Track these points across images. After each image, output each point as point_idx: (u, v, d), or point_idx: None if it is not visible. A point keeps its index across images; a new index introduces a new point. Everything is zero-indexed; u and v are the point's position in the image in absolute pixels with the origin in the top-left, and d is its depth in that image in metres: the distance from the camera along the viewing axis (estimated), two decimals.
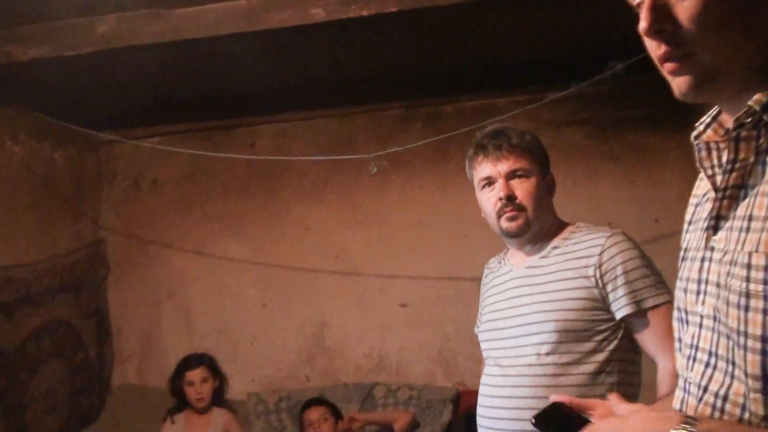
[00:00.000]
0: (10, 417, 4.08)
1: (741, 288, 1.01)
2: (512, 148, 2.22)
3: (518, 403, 2.08)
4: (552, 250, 2.21)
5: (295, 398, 4.39)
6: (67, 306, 4.66)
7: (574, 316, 2.08)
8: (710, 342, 1.11)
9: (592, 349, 2.07)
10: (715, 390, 1.08)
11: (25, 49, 3.44)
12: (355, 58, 3.76)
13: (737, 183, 1.08)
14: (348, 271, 4.66)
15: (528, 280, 2.21)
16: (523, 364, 2.12)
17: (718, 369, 1.08)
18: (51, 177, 4.65)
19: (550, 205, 2.28)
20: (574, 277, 2.11)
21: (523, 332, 2.15)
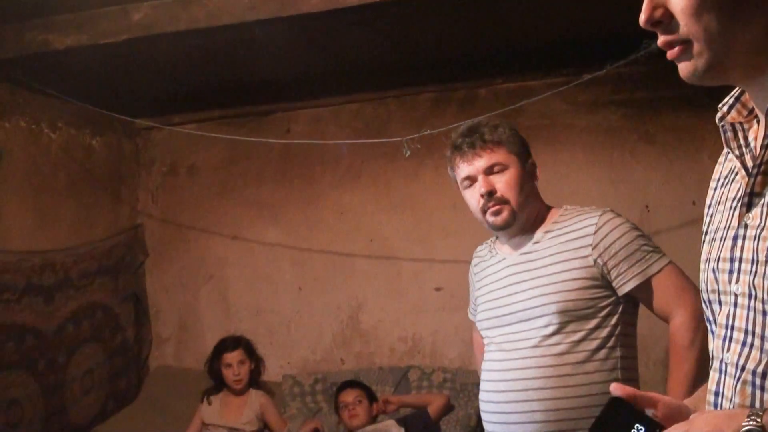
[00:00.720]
0: (49, 397, 4.17)
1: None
2: (485, 143, 2.26)
3: (525, 384, 2.13)
4: (544, 234, 2.26)
5: (330, 380, 4.44)
6: (106, 290, 4.74)
7: (576, 296, 2.13)
8: (746, 320, 1.10)
9: (595, 325, 2.13)
10: (752, 368, 1.08)
11: (62, 38, 3.51)
12: (388, 41, 3.77)
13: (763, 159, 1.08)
14: (382, 254, 4.68)
15: (524, 266, 2.25)
16: (527, 347, 2.17)
17: (755, 347, 1.08)
18: (89, 164, 4.73)
19: (534, 192, 2.32)
20: (570, 258, 2.17)
21: (525, 317, 2.20)
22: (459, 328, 4.50)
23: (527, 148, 2.35)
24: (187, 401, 4.49)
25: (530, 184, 2.30)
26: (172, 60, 3.85)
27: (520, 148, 2.30)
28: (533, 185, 2.32)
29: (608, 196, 4.09)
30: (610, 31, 3.52)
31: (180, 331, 5.09)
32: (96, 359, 4.60)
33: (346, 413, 4.00)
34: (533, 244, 2.26)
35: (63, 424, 4.27)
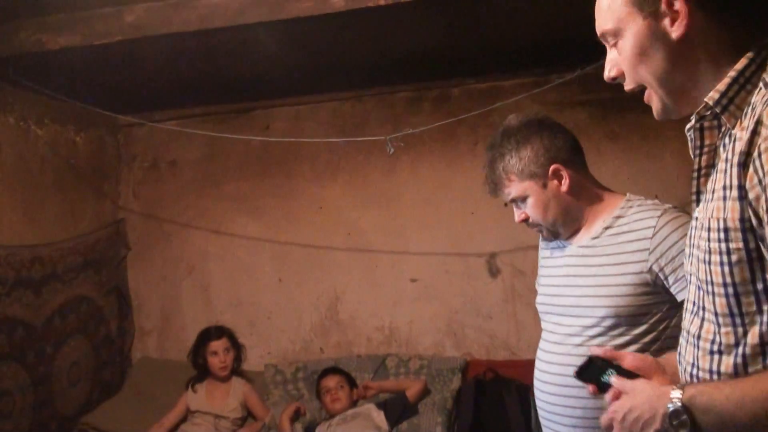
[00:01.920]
0: (38, 388, 4.27)
1: (705, 246, 1.27)
2: (495, 185, 2.28)
3: (566, 380, 2.07)
4: (604, 230, 2.17)
5: (311, 368, 4.60)
6: (90, 283, 4.85)
7: (627, 302, 2.05)
8: (694, 295, 1.37)
9: (643, 331, 2.05)
10: (693, 331, 1.35)
11: (56, 38, 3.60)
12: (368, 43, 3.90)
13: (708, 163, 1.34)
14: (360, 247, 4.84)
15: (582, 260, 2.20)
16: (573, 343, 2.15)
17: (697, 315, 1.35)
18: (74, 160, 4.83)
19: (567, 200, 2.21)
20: (626, 262, 2.08)
21: (575, 312, 2.16)
22: (434, 317, 4.69)
23: (541, 163, 2.21)
24: (170, 391, 4.64)
25: (560, 199, 2.20)
26: (160, 60, 3.95)
27: (532, 169, 2.20)
28: (566, 197, 2.20)
29: None
30: (577, 35, 3.71)
31: (162, 324, 5.21)
32: (82, 351, 4.71)
33: (328, 398, 4.17)
34: (592, 239, 2.19)
35: (51, 413, 4.37)
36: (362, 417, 4.03)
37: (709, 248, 1.26)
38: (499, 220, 4.45)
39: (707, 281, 1.28)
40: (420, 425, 4.10)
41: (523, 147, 2.22)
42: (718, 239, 1.23)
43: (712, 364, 1.29)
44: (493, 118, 4.40)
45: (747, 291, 1.22)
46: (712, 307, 1.28)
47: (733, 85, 1.27)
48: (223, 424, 4.31)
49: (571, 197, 2.21)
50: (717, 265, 1.24)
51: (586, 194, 2.24)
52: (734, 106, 1.26)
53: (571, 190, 2.20)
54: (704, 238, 1.27)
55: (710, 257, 1.26)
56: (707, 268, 1.27)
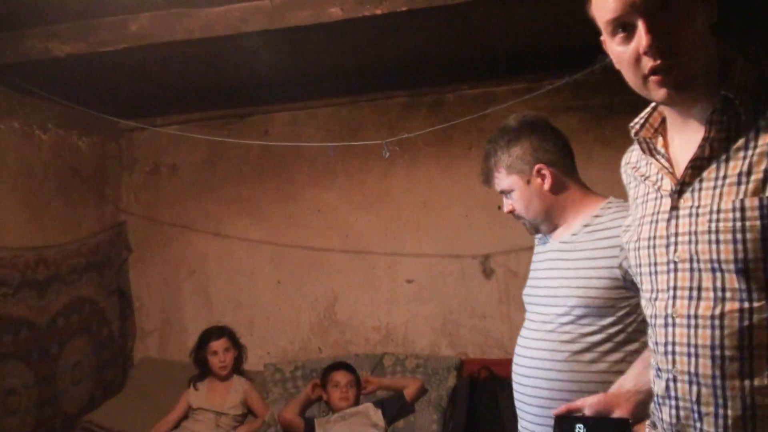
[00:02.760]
0: (43, 386, 4.37)
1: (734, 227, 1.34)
2: (486, 177, 2.48)
3: (536, 363, 2.29)
4: (582, 228, 2.31)
5: (310, 367, 4.69)
6: (93, 284, 4.94)
7: (596, 294, 2.19)
8: (689, 280, 1.43)
9: (610, 323, 2.19)
10: (706, 314, 1.40)
11: (62, 46, 3.69)
12: (365, 51, 4.01)
13: (704, 155, 1.42)
14: (357, 249, 4.94)
15: (560, 255, 2.35)
16: (545, 330, 2.31)
17: (704, 299, 1.40)
18: (77, 164, 4.93)
19: (549, 198, 2.37)
20: (599, 257, 2.22)
21: (550, 303, 2.32)
22: (429, 317, 4.78)
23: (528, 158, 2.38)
24: (171, 391, 4.73)
25: (542, 197, 2.36)
26: (163, 67, 4.07)
27: (517, 164, 2.38)
28: (548, 195, 2.36)
29: None
30: (569, 42, 3.82)
31: (163, 325, 5.31)
32: (84, 351, 4.81)
33: (337, 393, 4.24)
34: (572, 235, 2.33)
35: (55, 411, 4.47)
36: (360, 415, 4.12)
37: (744, 227, 1.33)
38: (493, 223, 4.56)
39: (741, 259, 1.34)
40: (416, 423, 4.19)
41: (513, 145, 2.40)
42: (761, 216, 1.31)
43: (742, 340, 1.35)
44: (486, 123, 4.52)
45: (758, 268, 1.33)
46: (744, 284, 1.34)
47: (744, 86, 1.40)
48: (223, 420, 4.41)
49: (553, 196, 2.37)
50: (757, 242, 1.32)
51: (569, 195, 2.39)
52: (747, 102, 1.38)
53: (553, 189, 2.36)
54: (729, 219, 1.34)
55: (747, 236, 1.33)
56: (742, 247, 1.33)
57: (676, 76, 1.39)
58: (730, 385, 1.37)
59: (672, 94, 1.41)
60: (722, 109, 1.39)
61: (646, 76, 1.41)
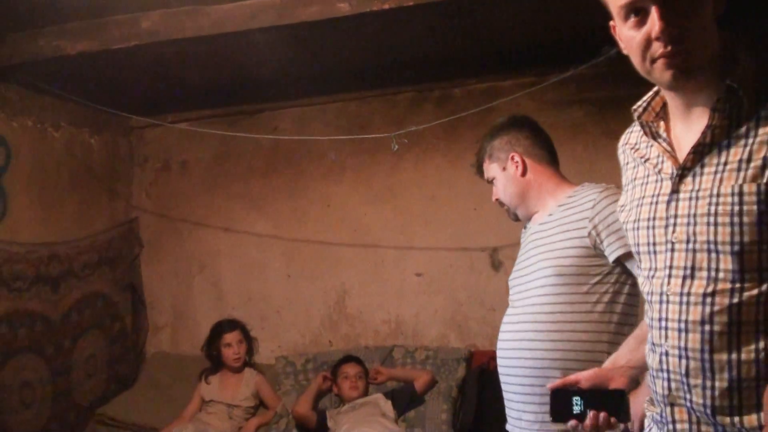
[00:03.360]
0: (57, 379, 4.46)
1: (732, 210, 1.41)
2: (477, 167, 2.75)
3: (522, 335, 2.43)
4: (557, 208, 2.50)
5: (321, 360, 4.74)
6: (105, 280, 5.02)
7: (570, 262, 2.36)
8: (685, 260, 1.49)
9: (587, 291, 2.34)
10: (699, 292, 1.46)
11: (74, 44, 3.76)
12: (372, 46, 4.05)
13: (708, 141, 1.48)
14: (366, 243, 4.98)
15: (538, 235, 2.52)
16: (528, 304, 2.45)
17: (698, 278, 1.47)
18: (89, 161, 5.00)
19: (525, 184, 2.60)
20: (570, 229, 2.40)
21: (531, 278, 2.47)
22: (439, 310, 4.82)
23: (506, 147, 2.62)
24: (184, 384, 4.80)
25: (516, 182, 2.60)
26: (173, 64, 4.12)
27: (497, 154, 2.64)
28: (521, 180, 2.59)
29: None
30: (573, 35, 3.86)
31: (175, 319, 5.37)
32: (98, 345, 4.89)
33: (347, 384, 4.31)
34: (548, 215, 2.52)
35: (69, 404, 4.57)
36: (371, 405, 4.17)
37: (743, 211, 1.39)
38: (501, 216, 4.51)
39: (737, 242, 1.40)
40: (426, 413, 4.23)
41: (496, 137, 2.67)
42: (757, 202, 1.38)
43: (731, 316, 1.42)
44: (493, 117, 4.53)
45: (752, 250, 1.39)
46: (734, 265, 1.41)
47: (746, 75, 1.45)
48: (236, 412, 4.46)
49: (526, 182, 2.60)
50: (754, 226, 1.39)
51: (543, 181, 2.60)
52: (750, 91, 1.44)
53: (525, 175, 2.60)
54: (728, 203, 1.41)
55: (743, 219, 1.39)
56: (739, 230, 1.40)
57: (683, 62, 1.44)
58: (717, 358, 1.43)
59: (678, 77, 1.46)
60: (726, 98, 1.45)
61: (655, 60, 1.46)
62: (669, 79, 1.47)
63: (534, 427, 2.37)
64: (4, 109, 4.24)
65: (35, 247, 4.39)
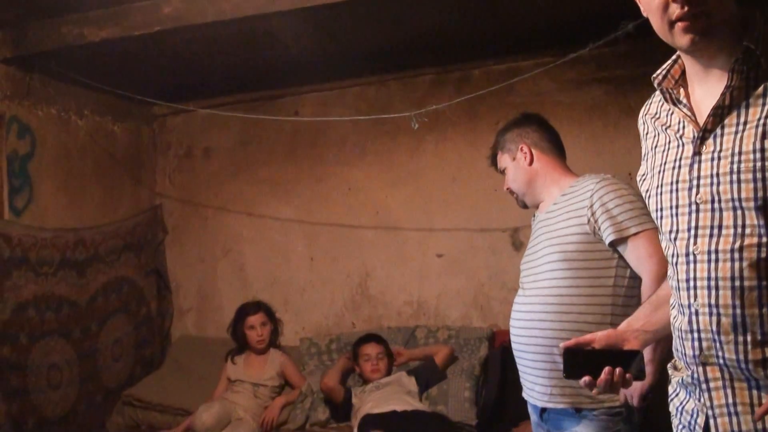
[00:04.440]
0: (84, 362, 4.54)
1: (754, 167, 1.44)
2: (492, 160, 2.99)
3: (533, 316, 2.59)
4: (561, 197, 2.67)
5: (344, 340, 4.79)
6: (130, 265, 5.09)
7: (573, 247, 2.54)
8: (710, 219, 1.52)
9: (593, 275, 2.51)
10: (726, 248, 1.49)
11: (97, 31, 3.83)
12: (392, 28, 4.08)
13: (725, 103, 1.50)
14: (388, 225, 5.01)
15: (545, 223, 2.70)
16: (537, 287, 2.62)
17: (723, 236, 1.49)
18: (112, 149, 5.08)
19: (533, 172, 2.79)
20: (572, 216, 2.57)
21: (539, 263, 2.64)
22: (460, 290, 4.85)
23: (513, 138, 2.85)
24: (209, 366, 4.87)
25: (524, 170, 2.80)
26: (196, 49, 4.17)
27: (506, 145, 2.87)
28: (529, 169, 2.79)
29: (594, 166, 4.37)
30: (592, 14, 3.86)
31: (200, 303, 5.45)
32: (124, 329, 4.97)
33: (368, 366, 4.33)
34: (553, 204, 2.69)
35: (97, 386, 4.65)
36: (394, 384, 4.20)
37: (764, 167, 1.42)
38: None
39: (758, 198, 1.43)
40: (449, 390, 4.26)
41: (508, 131, 2.90)
42: (753, 159, 1.42)
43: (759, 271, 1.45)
44: (512, 96, 4.58)
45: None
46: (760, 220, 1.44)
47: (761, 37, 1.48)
48: (261, 391, 4.52)
49: (534, 170, 2.79)
50: (749, 183, 1.43)
51: (549, 171, 2.79)
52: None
53: (532, 164, 2.79)
54: (749, 160, 1.44)
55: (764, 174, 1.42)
56: (760, 186, 1.43)
57: (702, 24, 1.47)
58: (749, 313, 1.46)
59: (696, 40, 1.49)
60: (744, 59, 1.47)
61: (673, 22, 1.49)
62: (688, 43, 1.50)
63: (544, 396, 2.57)
64: (29, 97, 4.31)
65: (61, 232, 4.46)
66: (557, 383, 2.52)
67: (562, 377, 2.47)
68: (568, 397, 2.51)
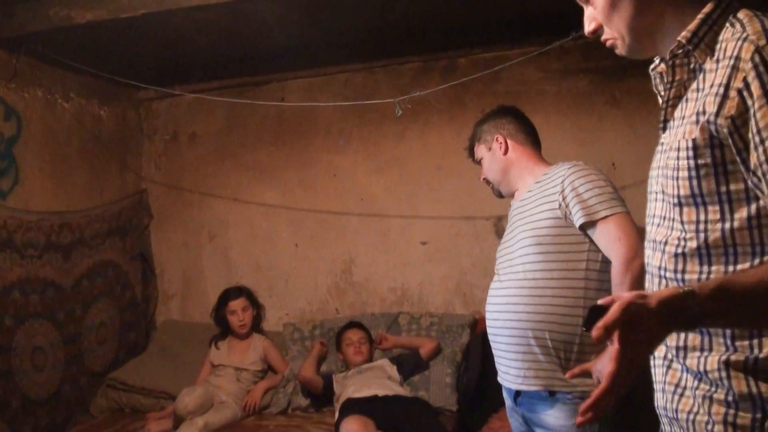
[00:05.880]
0: (68, 345, 4.56)
1: (674, 164, 1.48)
2: (469, 151, 3.09)
3: (507, 300, 2.65)
4: (535, 185, 2.75)
5: (327, 326, 4.82)
6: (115, 249, 5.11)
7: (545, 232, 2.60)
8: (660, 209, 1.58)
9: (562, 259, 2.58)
10: (660, 239, 1.56)
11: (83, 13, 3.81)
12: (379, 14, 4.08)
13: (676, 95, 1.54)
14: (372, 212, 5.04)
15: (519, 210, 2.78)
16: (512, 272, 2.68)
17: (663, 226, 1.56)
18: (98, 132, 5.07)
19: (508, 162, 2.88)
20: (545, 203, 2.64)
21: (513, 248, 2.72)
22: (444, 278, 4.88)
23: (489, 129, 2.95)
24: (193, 351, 4.90)
25: (499, 160, 2.89)
26: (182, 33, 4.16)
27: (482, 136, 2.97)
28: (503, 158, 2.88)
29: (578, 156, 4.38)
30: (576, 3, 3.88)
31: (184, 288, 5.46)
32: (108, 313, 4.98)
33: (351, 350, 4.38)
34: (527, 192, 2.77)
35: (81, 369, 4.67)
36: (376, 369, 4.24)
37: (678, 165, 1.46)
38: None
39: (675, 195, 1.48)
40: (431, 376, 4.30)
41: (484, 123, 3.00)
42: (687, 157, 1.44)
43: (677, 264, 1.50)
44: (499, 85, 4.60)
45: (713, 201, 1.43)
46: (679, 216, 1.49)
47: (703, 26, 1.47)
48: (244, 376, 4.55)
49: (508, 159, 2.88)
50: (686, 180, 1.45)
51: (524, 161, 2.87)
52: (704, 44, 1.47)
53: (507, 154, 2.88)
54: (673, 157, 1.48)
55: (679, 173, 1.46)
56: (676, 183, 1.47)
57: (621, 47, 1.60)
58: None
59: (628, 53, 1.61)
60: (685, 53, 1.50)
61: None
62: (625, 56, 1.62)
63: (518, 379, 2.62)
64: (15, 79, 4.30)
65: (46, 215, 4.46)
66: (531, 366, 2.57)
67: (535, 360, 2.56)
68: (542, 380, 2.55)
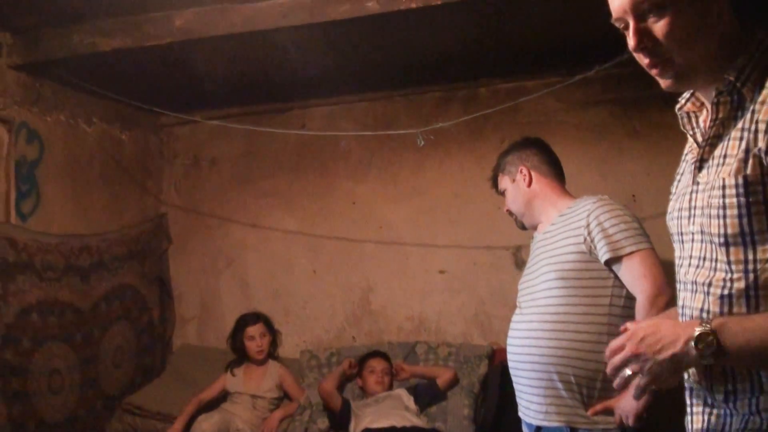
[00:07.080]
0: (85, 368, 4.53)
1: (719, 203, 1.46)
2: (493, 182, 3.14)
3: (529, 334, 2.65)
4: (559, 218, 2.77)
5: (345, 354, 4.79)
6: (134, 273, 5.11)
7: (570, 266, 2.61)
8: (699, 250, 1.55)
9: (589, 293, 2.58)
10: (702, 281, 1.53)
11: (108, 41, 3.85)
12: (400, 45, 4.10)
13: (716, 134, 1.53)
14: (391, 241, 5.03)
15: (543, 243, 2.79)
16: (535, 306, 2.69)
17: (704, 267, 1.53)
18: (120, 157, 5.10)
19: (531, 195, 2.91)
20: (570, 236, 2.65)
21: (537, 282, 2.72)
22: (462, 307, 4.86)
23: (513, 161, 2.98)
24: (209, 376, 4.86)
25: (523, 192, 2.92)
26: (206, 61, 4.20)
27: (507, 167, 3.00)
28: (527, 190, 2.91)
29: (598, 187, 4.40)
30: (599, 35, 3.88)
31: (202, 313, 5.46)
32: (126, 336, 4.98)
33: (373, 378, 4.38)
34: (551, 225, 2.79)
35: (97, 393, 4.64)
36: (394, 398, 4.22)
37: (725, 204, 1.44)
38: None
39: (721, 234, 1.46)
40: (448, 407, 4.28)
41: (509, 154, 3.03)
42: (737, 194, 1.42)
43: (722, 307, 1.47)
44: (519, 116, 4.61)
45: (763, 239, 1.42)
46: (725, 257, 1.46)
47: (750, 63, 1.47)
48: (260, 403, 4.54)
49: (532, 192, 2.91)
50: (735, 218, 1.43)
51: (548, 193, 2.90)
52: (751, 82, 1.46)
53: (531, 186, 2.90)
54: (717, 196, 1.45)
55: (726, 212, 1.44)
56: (722, 222, 1.45)
57: (671, 69, 1.51)
58: None
59: (673, 84, 1.53)
60: (729, 91, 1.49)
61: (648, 67, 1.54)
62: (667, 87, 1.55)
63: (540, 414, 2.61)
64: (38, 104, 4.33)
65: (66, 238, 4.48)
66: (553, 402, 2.56)
67: (558, 396, 2.55)
68: (563, 416, 2.54)
